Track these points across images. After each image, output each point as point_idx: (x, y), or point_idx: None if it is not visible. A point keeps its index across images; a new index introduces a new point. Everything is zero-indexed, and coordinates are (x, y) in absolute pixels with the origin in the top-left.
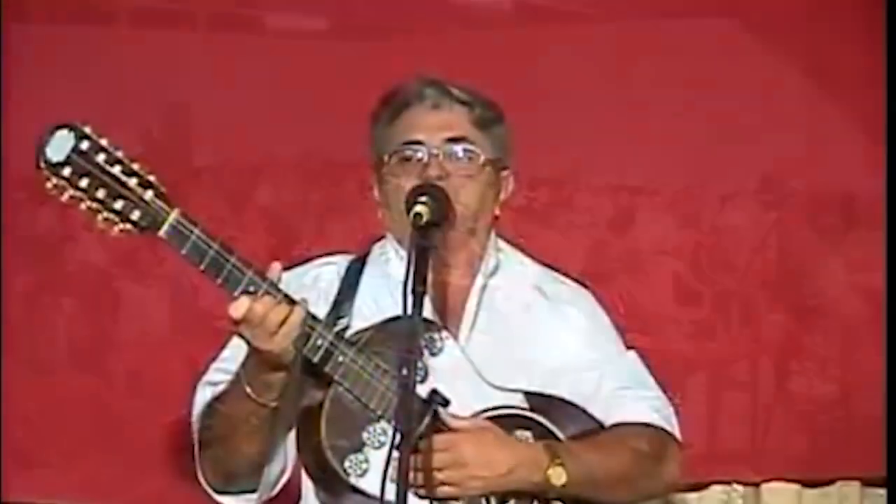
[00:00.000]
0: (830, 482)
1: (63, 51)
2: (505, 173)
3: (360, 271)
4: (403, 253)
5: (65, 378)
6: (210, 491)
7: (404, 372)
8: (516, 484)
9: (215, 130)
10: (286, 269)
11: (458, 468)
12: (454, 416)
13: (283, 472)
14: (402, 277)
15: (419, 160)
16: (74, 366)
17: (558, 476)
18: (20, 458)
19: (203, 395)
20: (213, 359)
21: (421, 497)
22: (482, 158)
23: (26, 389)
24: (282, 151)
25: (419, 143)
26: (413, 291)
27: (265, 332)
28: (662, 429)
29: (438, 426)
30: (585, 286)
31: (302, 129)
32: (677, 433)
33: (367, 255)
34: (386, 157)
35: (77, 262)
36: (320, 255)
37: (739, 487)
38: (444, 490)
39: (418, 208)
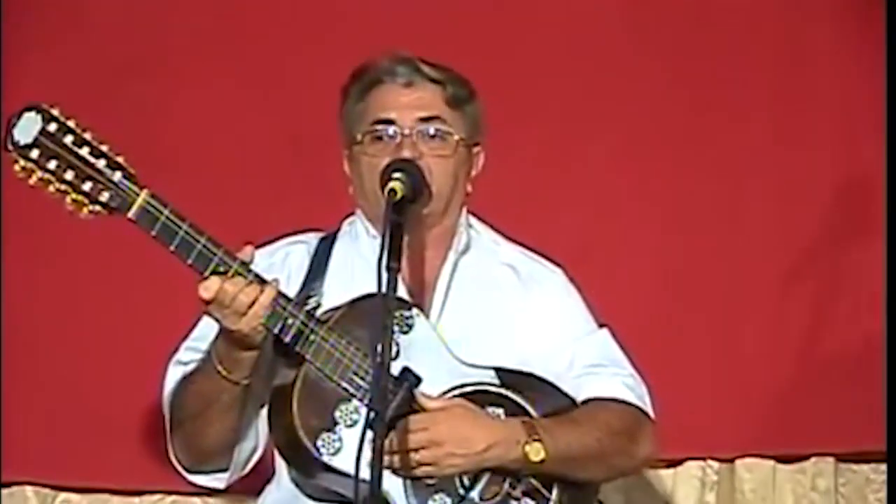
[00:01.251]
0: (805, 458)
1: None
2: (476, 149)
3: (330, 249)
4: (374, 231)
5: (44, 358)
6: (182, 470)
7: (377, 349)
8: (493, 461)
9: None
10: (256, 247)
11: (435, 447)
12: (428, 396)
13: (254, 450)
14: (372, 255)
15: (392, 138)
16: (53, 344)
17: (536, 452)
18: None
19: (174, 375)
20: (184, 338)
21: (398, 476)
22: (455, 137)
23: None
24: (259, 132)
25: (391, 121)
26: (388, 268)
27: (235, 313)
28: (636, 406)
29: (412, 406)
30: (558, 265)
31: (280, 108)
32: (651, 411)
33: (336, 232)
34: (358, 136)
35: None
36: (291, 234)
37: (714, 463)
38: (421, 470)
39: (392, 184)
